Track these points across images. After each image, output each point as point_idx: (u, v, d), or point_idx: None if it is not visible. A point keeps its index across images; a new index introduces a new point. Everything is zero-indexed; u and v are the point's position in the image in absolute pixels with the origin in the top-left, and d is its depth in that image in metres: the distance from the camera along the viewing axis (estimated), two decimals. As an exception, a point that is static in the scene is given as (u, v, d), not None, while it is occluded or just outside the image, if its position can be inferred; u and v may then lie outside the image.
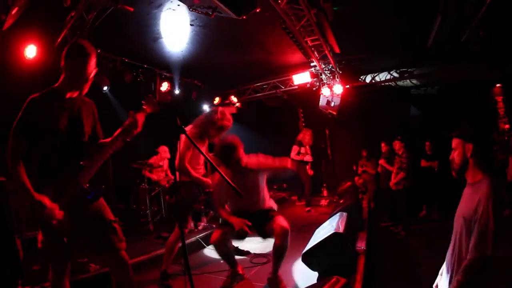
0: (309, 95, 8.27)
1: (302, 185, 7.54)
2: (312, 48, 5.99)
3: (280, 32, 5.40)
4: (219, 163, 3.13)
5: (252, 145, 8.48)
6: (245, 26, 5.11)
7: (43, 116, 1.94)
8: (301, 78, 7.81)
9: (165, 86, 6.97)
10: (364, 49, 6.82)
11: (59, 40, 4.49)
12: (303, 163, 7.25)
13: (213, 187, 3.29)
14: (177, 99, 7.41)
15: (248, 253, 4.24)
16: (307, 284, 2.83)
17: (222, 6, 3.66)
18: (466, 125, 1.84)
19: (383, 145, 7.08)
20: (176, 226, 3.47)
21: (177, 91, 7.39)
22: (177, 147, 2.18)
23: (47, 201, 1.86)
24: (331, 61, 6.59)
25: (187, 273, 1.80)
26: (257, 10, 4.03)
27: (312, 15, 4.84)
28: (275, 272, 3.01)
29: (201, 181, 3.48)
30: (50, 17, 4.23)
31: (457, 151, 1.82)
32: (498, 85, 8.13)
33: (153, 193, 6.20)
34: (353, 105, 8.27)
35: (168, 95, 6.87)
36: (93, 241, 2.07)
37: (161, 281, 3.39)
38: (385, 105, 8.68)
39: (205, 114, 3.71)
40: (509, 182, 6.04)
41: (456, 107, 7.66)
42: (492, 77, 7.69)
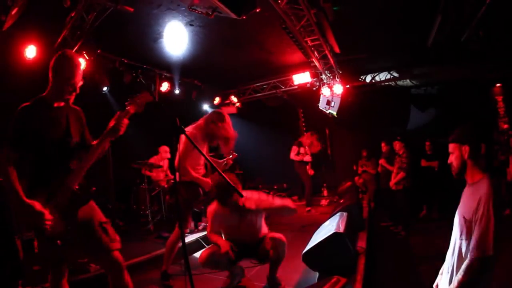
0: (309, 95, 8.25)
1: (302, 185, 7.54)
2: (312, 48, 5.98)
3: (280, 32, 5.39)
4: (216, 201, 3.09)
5: (252, 145, 8.53)
6: (245, 26, 5.11)
7: (34, 124, 2.00)
8: (301, 78, 7.82)
9: (165, 86, 6.98)
10: (364, 49, 6.81)
11: (59, 40, 4.49)
12: (303, 163, 7.25)
13: (209, 214, 3.20)
14: (177, 99, 7.41)
15: None
16: (308, 284, 2.84)
17: (222, 6, 3.66)
18: (460, 128, 1.83)
19: (383, 145, 7.08)
20: (176, 226, 3.47)
21: (177, 91, 7.40)
22: (177, 147, 2.18)
23: (37, 205, 1.89)
24: (331, 61, 6.58)
25: (188, 273, 1.80)
26: (257, 10, 4.04)
27: (312, 15, 4.84)
28: (273, 274, 3.04)
29: (201, 181, 3.48)
30: (50, 17, 4.24)
31: (455, 154, 1.82)
32: (498, 84, 8.13)
33: (153, 193, 6.20)
34: (353, 105, 8.25)
35: (150, 96, 6.85)
36: (85, 243, 2.09)
37: (162, 281, 3.39)
38: (385, 105, 8.66)
39: (206, 119, 3.57)
40: (510, 181, 6.03)
41: (456, 106, 7.67)
42: (492, 77, 7.69)
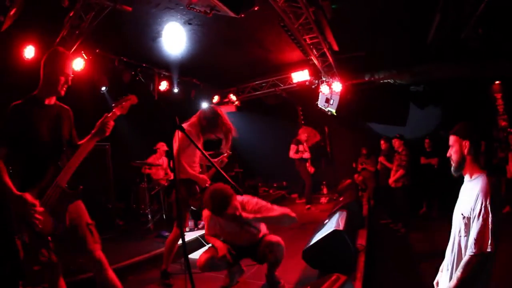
0: (308, 93, 8.26)
1: (302, 182, 7.55)
2: (310, 46, 5.97)
3: (278, 30, 5.38)
4: (212, 212, 2.94)
5: (251, 143, 8.51)
6: (244, 24, 5.10)
7: (25, 122, 2.04)
8: (300, 76, 7.80)
9: (164, 85, 6.97)
10: (362, 46, 6.81)
11: (58, 40, 4.48)
12: (303, 161, 7.25)
13: (205, 219, 3.17)
14: (176, 97, 7.41)
15: None
16: (307, 282, 2.84)
17: (220, 4, 3.65)
18: (463, 123, 1.84)
19: (382, 142, 7.07)
20: (174, 225, 3.47)
21: (176, 90, 7.38)
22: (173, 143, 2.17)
23: (28, 196, 1.92)
24: (330, 58, 6.57)
25: (188, 272, 1.80)
26: (256, 8, 4.03)
27: (310, 13, 4.83)
28: (272, 273, 3.04)
29: (198, 178, 3.48)
30: (48, 17, 4.23)
31: (454, 148, 1.82)
32: (497, 82, 8.14)
33: (153, 192, 6.19)
34: (352, 102, 8.26)
35: (136, 99, 6.84)
36: (72, 241, 2.16)
37: (162, 280, 3.40)
38: (385, 103, 8.66)
39: (199, 115, 3.55)
40: (509, 179, 6.04)
41: (455, 104, 7.67)
42: (491, 74, 7.69)
